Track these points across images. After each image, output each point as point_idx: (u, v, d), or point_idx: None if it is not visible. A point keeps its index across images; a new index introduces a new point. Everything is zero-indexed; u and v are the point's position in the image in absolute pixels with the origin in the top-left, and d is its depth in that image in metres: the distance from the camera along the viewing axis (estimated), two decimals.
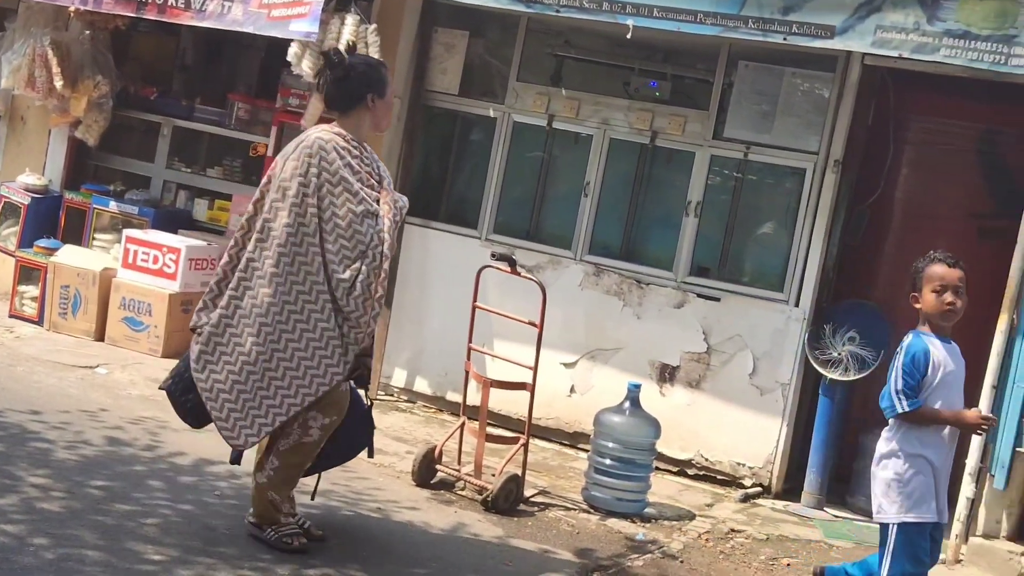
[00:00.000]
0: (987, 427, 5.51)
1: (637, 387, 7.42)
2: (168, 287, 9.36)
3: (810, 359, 7.95)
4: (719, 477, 8.24)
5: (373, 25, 8.69)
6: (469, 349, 7.48)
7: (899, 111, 8.48)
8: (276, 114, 9.80)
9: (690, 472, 8.31)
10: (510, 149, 9.09)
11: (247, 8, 8.83)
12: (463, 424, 7.34)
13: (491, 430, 7.41)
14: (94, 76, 10.11)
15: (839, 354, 7.86)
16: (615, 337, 8.56)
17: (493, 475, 7.01)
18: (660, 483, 7.83)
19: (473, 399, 7.49)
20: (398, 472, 7.33)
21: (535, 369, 7.14)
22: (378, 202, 5.53)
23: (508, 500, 6.91)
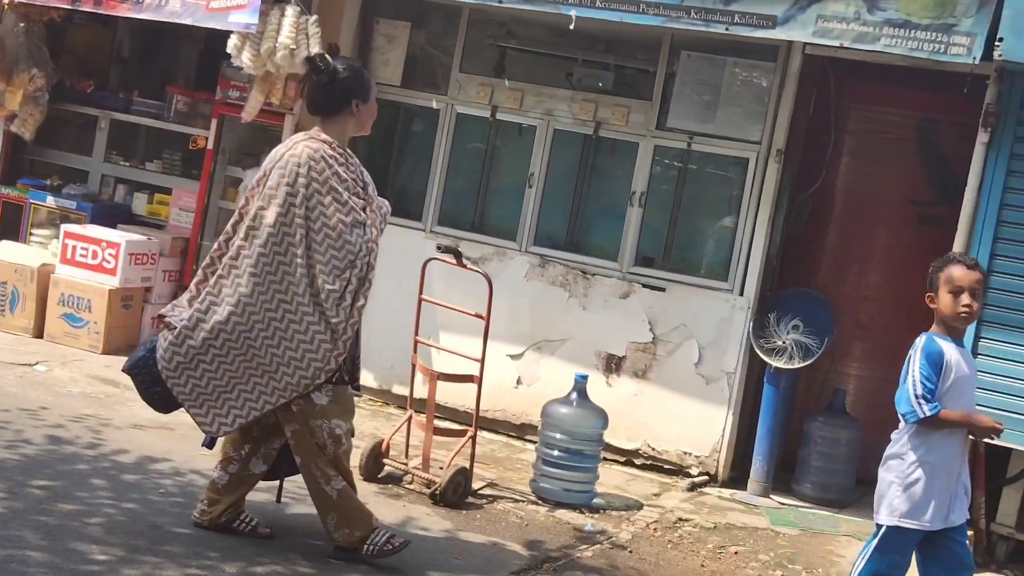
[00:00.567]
0: (999, 432, 5.35)
1: (584, 378, 7.42)
2: (108, 282, 9.25)
3: (755, 348, 8.00)
4: (666, 466, 8.28)
5: (314, 16, 8.63)
6: (415, 342, 7.44)
7: (839, 100, 8.56)
8: (216, 106, 9.71)
9: (637, 462, 8.33)
10: (454, 140, 9.06)
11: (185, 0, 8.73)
12: (410, 417, 7.31)
13: (438, 423, 7.38)
14: (29, 69, 9.93)
15: (783, 342, 7.91)
16: (561, 328, 8.56)
17: (441, 468, 6.99)
18: (608, 473, 7.84)
19: (420, 392, 7.46)
20: None
21: (482, 361, 7.12)
22: (365, 210, 5.54)
23: (456, 493, 6.89)
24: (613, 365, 8.41)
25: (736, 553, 6.82)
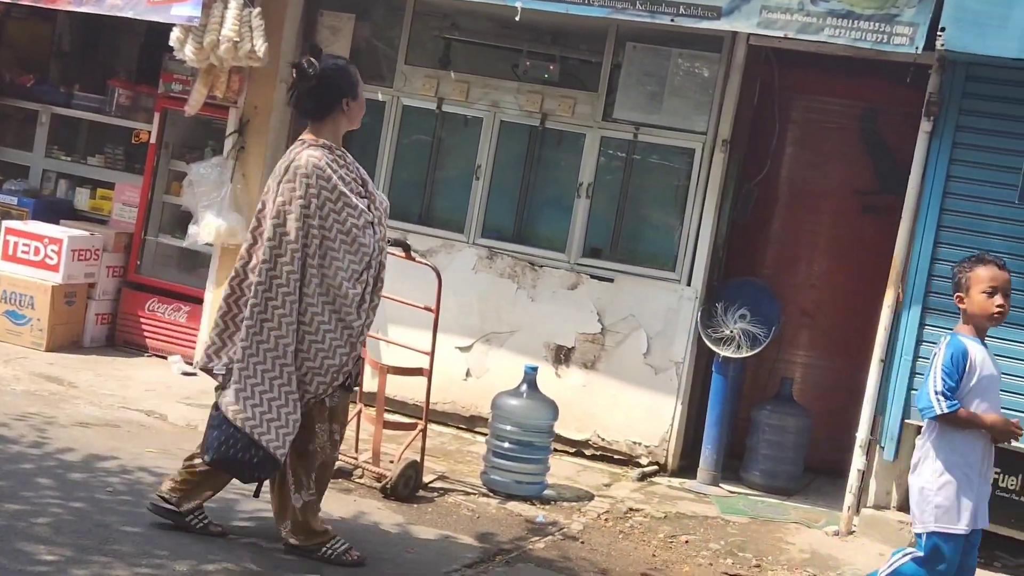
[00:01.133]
0: (1018, 435, 5.28)
1: (534, 370, 7.43)
2: (50, 279, 9.13)
3: (703, 337, 8.03)
4: (616, 457, 8.30)
5: (257, 9, 8.55)
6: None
7: (784, 90, 8.62)
8: (159, 100, 9.61)
9: (587, 453, 8.35)
10: (400, 133, 9.03)
11: None
12: (360, 411, 7.28)
13: (388, 416, 7.34)
14: None
15: (731, 332, 7.95)
16: (510, 320, 8.56)
17: (391, 462, 6.97)
18: (558, 465, 7.85)
19: (370, 386, 7.43)
20: None
21: (432, 354, 7.10)
22: (369, 208, 5.54)
23: (407, 487, 6.87)
24: (562, 356, 8.42)
25: (687, 542, 6.86)
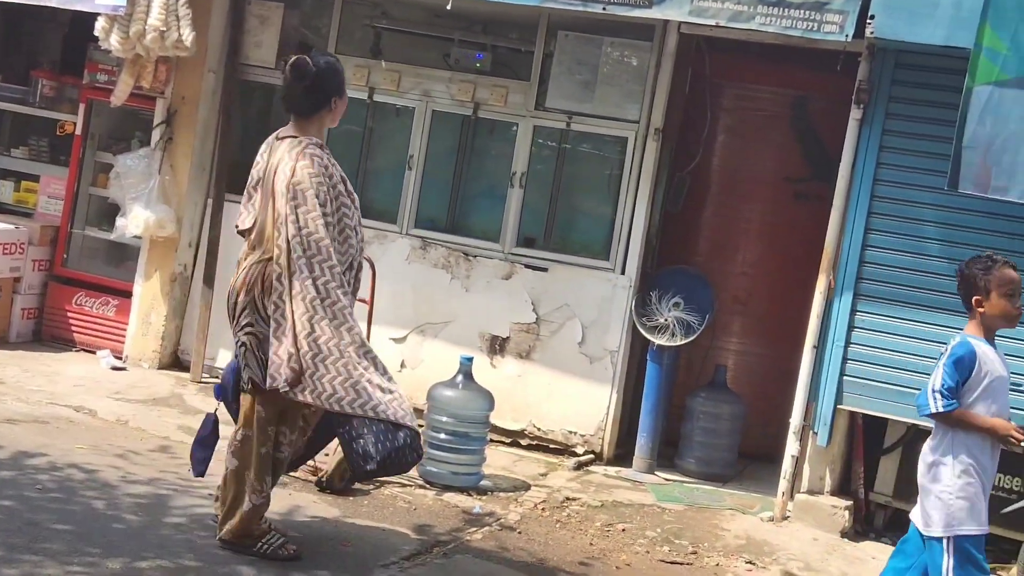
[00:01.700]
0: (1017, 441, 5.13)
1: (469, 360, 7.40)
2: None
3: (637, 326, 8.05)
4: (552, 446, 8.30)
5: None
6: None
7: (715, 79, 8.65)
8: (84, 91, 9.45)
9: (523, 443, 8.34)
10: None
11: None
12: None
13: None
14: None
15: (665, 320, 7.98)
16: (444, 310, 8.52)
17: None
18: (494, 455, 7.83)
19: None
20: None
21: None
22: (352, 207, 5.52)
23: (343, 480, 6.81)
24: (497, 346, 8.40)
25: (624, 530, 6.87)
